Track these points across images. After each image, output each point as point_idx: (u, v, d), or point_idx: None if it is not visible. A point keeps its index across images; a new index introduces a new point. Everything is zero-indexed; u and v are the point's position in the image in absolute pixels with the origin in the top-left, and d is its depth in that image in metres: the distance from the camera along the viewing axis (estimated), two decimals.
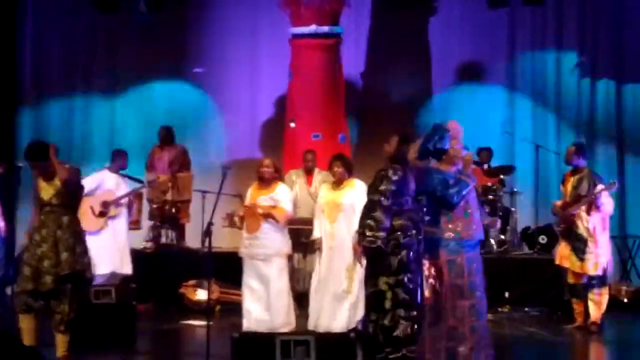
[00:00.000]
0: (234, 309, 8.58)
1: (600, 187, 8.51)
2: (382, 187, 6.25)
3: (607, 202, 8.51)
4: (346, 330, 7.46)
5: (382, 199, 6.22)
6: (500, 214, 10.78)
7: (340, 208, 7.74)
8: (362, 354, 6.79)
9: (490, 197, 10.76)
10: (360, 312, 7.59)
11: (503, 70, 12.14)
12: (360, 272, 7.47)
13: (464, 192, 6.10)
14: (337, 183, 7.79)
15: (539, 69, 12.06)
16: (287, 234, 7.92)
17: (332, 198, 7.76)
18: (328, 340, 5.99)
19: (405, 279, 6.36)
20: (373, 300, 6.42)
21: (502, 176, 11.17)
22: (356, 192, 7.68)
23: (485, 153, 11.32)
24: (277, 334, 6.32)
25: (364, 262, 6.59)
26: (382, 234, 6.19)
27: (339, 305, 7.64)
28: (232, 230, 8.50)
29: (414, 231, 6.36)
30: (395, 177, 6.26)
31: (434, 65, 12.11)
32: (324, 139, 11.15)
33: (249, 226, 7.72)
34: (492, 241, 10.77)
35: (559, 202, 8.95)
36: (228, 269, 9.05)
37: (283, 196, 7.81)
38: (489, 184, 10.94)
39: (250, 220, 7.70)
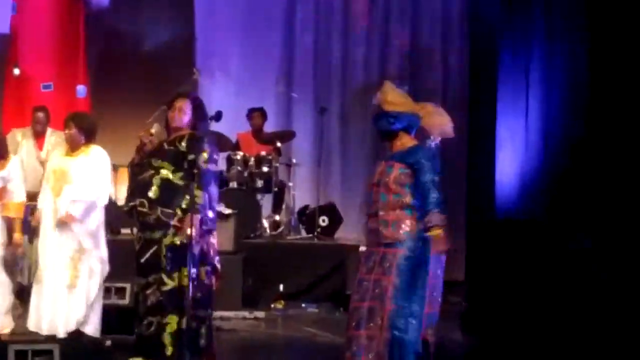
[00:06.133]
0: None
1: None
2: (204, 154, 6.55)
3: None
4: (89, 333, 7.32)
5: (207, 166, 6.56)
6: (276, 189, 10.92)
7: (66, 179, 7.50)
8: None
9: (265, 169, 10.77)
10: (96, 312, 7.54)
11: (281, 19, 12.29)
12: (90, 261, 7.43)
13: None
14: (72, 148, 7.55)
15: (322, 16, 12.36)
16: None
17: (61, 166, 7.53)
18: (77, 347, 5.72)
19: (207, 271, 6.73)
20: (171, 299, 6.62)
21: (278, 144, 11.17)
22: (90, 161, 7.53)
23: (257, 115, 11.31)
24: (10, 342, 6.08)
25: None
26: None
27: (65, 302, 7.42)
28: None
29: (210, 212, 6.70)
30: (210, 144, 6.64)
31: (197, 4, 12.07)
32: (58, 91, 10.97)
33: None
34: (265, 223, 10.84)
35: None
36: None
37: (16, 175, 7.63)
38: (263, 153, 10.89)
39: None
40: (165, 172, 6.74)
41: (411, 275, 5.89)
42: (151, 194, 6.74)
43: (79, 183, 7.41)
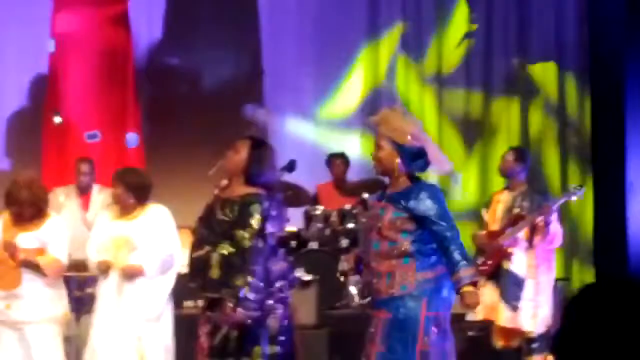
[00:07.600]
0: None
1: (556, 202, 8.33)
2: (253, 222, 6.36)
3: (558, 228, 8.35)
4: None
5: (255, 241, 6.38)
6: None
7: (130, 246, 7.40)
8: None
9: (350, 225, 10.46)
10: None
11: (361, 45, 12.06)
12: (159, 343, 7.41)
13: None
14: (124, 210, 7.49)
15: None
16: (62, 287, 7.55)
17: (119, 232, 7.44)
18: None
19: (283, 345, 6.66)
20: None
21: (365, 195, 10.65)
22: (152, 221, 7.48)
23: (339, 162, 11.10)
24: None
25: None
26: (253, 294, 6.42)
27: None
28: None
29: (293, 275, 6.80)
30: (266, 204, 6.43)
31: (265, 36, 11.92)
32: (105, 141, 10.90)
33: (4, 279, 7.35)
34: (353, 290, 10.25)
35: (482, 232, 8.89)
36: None
37: (55, 235, 7.38)
38: (347, 206, 10.60)
39: (5, 270, 7.33)
40: (222, 247, 6.68)
41: (399, 342, 5.77)
42: (212, 274, 6.72)
43: (147, 247, 7.39)
